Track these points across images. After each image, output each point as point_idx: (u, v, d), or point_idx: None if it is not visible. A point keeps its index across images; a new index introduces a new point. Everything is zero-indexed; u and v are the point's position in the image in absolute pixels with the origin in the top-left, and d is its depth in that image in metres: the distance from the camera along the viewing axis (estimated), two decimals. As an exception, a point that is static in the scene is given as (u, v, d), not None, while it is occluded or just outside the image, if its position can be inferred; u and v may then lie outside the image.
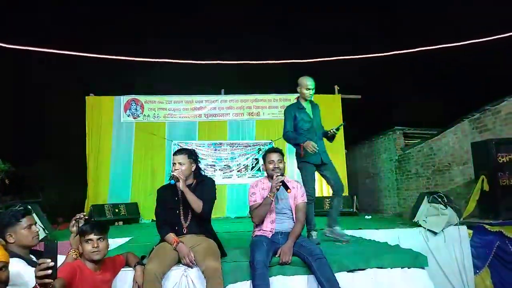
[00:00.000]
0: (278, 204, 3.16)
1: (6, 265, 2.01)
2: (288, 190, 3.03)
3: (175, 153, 3.10)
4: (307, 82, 3.98)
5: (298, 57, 7.09)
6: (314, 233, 3.81)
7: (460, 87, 10.10)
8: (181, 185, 2.89)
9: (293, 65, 7.36)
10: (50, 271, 1.81)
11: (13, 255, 2.25)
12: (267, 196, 3.05)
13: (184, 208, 3.01)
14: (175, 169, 2.97)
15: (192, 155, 3.09)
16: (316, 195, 7.83)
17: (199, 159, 3.17)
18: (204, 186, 3.08)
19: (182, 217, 3.01)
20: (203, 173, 3.24)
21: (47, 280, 1.82)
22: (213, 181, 3.21)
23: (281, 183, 3.01)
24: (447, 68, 9.69)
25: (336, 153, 8.36)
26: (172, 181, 2.91)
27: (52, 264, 1.81)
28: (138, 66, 7.07)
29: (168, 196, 3.05)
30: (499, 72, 8.44)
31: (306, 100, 4.07)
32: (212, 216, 3.19)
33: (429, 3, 10.20)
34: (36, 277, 1.82)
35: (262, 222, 3.14)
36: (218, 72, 8.78)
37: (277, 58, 6.97)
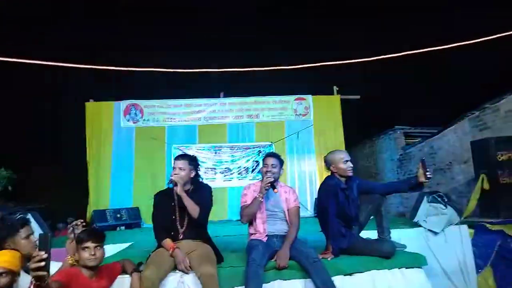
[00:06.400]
0: (269, 204, 3.23)
1: (7, 271, 2.04)
2: (275, 190, 3.10)
3: (177, 158, 3.14)
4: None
5: (296, 61, 7.07)
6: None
7: (460, 85, 10.06)
8: (178, 189, 2.91)
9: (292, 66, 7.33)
10: (43, 263, 1.81)
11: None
12: (256, 196, 3.12)
13: (180, 213, 3.01)
14: (174, 174, 2.99)
15: (192, 161, 3.12)
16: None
17: (199, 166, 3.20)
18: (201, 193, 3.09)
19: (178, 223, 3.02)
20: (201, 181, 3.26)
21: (40, 273, 1.82)
22: (210, 188, 3.22)
23: (269, 184, 3.08)
24: (446, 67, 9.65)
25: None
26: (171, 185, 2.97)
27: (45, 256, 1.81)
28: (137, 72, 7.07)
29: (165, 202, 3.06)
30: (498, 70, 8.40)
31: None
32: (214, 219, 3.21)
33: (428, 4, 10.16)
34: (30, 269, 1.83)
35: (252, 222, 3.22)
36: (217, 76, 8.77)
37: (276, 62, 6.95)
